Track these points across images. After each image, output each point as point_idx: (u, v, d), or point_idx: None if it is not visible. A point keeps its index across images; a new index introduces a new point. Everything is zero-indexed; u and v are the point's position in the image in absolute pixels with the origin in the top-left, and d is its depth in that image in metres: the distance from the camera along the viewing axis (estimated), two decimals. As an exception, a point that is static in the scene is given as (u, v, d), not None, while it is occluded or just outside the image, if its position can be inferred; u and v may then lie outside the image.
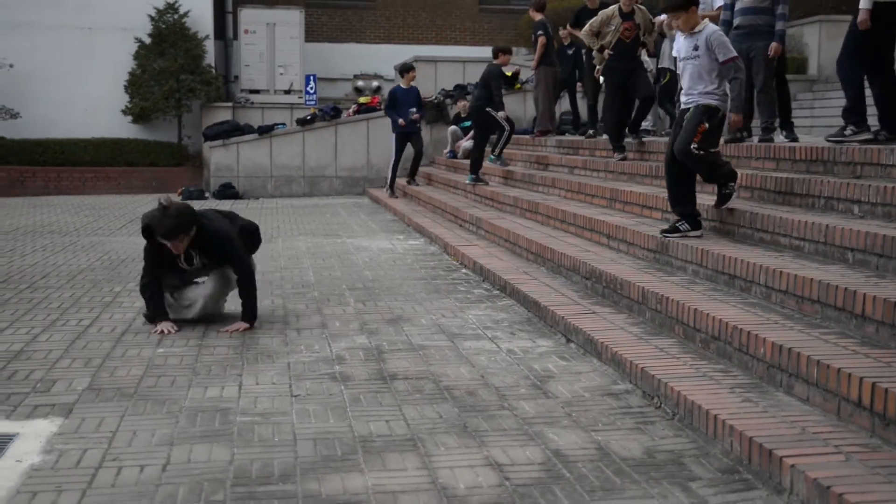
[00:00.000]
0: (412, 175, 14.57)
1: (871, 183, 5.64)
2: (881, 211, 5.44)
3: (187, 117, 18.60)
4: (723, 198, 6.32)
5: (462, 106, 15.71)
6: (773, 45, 8.00)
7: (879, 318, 4.07)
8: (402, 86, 14.17)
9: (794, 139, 8.13)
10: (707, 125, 6.07)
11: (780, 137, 8.19)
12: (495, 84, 11.48)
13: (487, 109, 11.46)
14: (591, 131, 11.93)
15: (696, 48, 6.21)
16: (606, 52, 9.45)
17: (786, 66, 8.89)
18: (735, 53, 6.22)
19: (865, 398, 3.51)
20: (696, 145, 6.04)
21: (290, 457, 3.73)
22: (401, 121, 13.89)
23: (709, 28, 6.25)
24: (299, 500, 3.30)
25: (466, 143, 15.32)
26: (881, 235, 4.79)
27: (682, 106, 6.29)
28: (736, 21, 8.20)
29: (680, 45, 6.40)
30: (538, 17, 12.79)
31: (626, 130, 9.74)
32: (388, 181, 14.61)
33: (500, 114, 11.48)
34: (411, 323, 6.22)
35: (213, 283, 6.11)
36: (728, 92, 6.29)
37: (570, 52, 13.42)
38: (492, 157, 11.87)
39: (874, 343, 4.05)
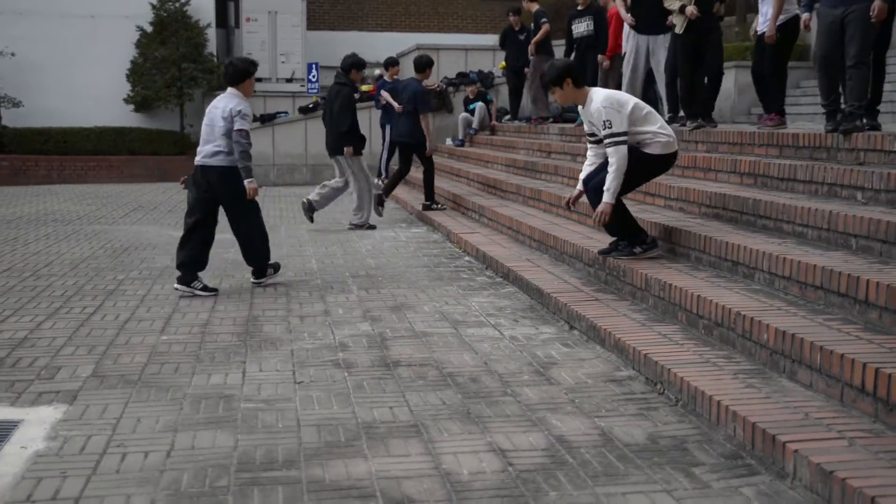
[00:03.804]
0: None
1: (875, 170, 5.63)
2: (885, 197, 5.42)
3: (189, 106, 18.60)
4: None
5: (471, 90, 15.59)
6: (876, 3, 6.33)
7: (883, 304, 4.07)
8: (388, 79, 14.66)
9: (876, 127, 6.74)
10: None
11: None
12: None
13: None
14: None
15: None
16: (689, 9, 8.36)
17: (890, 34, 7.10)
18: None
19: (869, 384, 3.51)
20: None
21: (294, 443, 3.73)
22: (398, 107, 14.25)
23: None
24: (303, 485, 3.31)
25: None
26: (885, 222, 4.78)
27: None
28: None
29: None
30: (534, 6, 12.86)
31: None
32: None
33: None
34: (414, 310, 6.22)
35: None
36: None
37: (522, 37, 13.63)
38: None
39: (877, 329, 4.05)
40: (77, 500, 3.19)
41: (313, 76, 18.41)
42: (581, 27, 11.51)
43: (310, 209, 10.37)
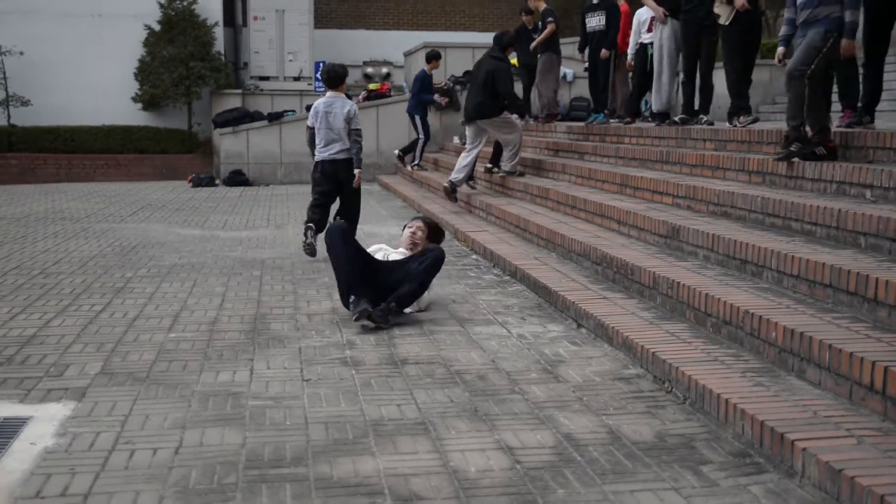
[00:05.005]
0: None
1: (884, 167, 5.61)
2: (894, 195, 5.40)
3: (197, 104, 18.63)
4: None
5: None
6: (844, 41, 6.26)
7: (892, 303, 4.06)
8: (427, 71, 14.71)
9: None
10: None
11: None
12: None
13: None
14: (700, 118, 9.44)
15: None
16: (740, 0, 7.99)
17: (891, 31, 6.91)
18: None
19: (878, 382, 3.50)
20: None
21: (302, 440, 3.74)
22: (438, 98, 15.38)
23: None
24: (311, 482, 3.32)
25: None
26: (894, 220, 4.76)
27: None
28: (802, 16, 6.39)
29: None
30: (542, 5, 12.85)
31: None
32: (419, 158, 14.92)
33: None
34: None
35: None
36: None
37: (535, 35, 13.62)
38: None
39: (886, 327, 4.04)
40: (86, 496, 3.20)
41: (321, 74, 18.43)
42: (594, 21, 11.45)
43: (452, 191, 10.70)
